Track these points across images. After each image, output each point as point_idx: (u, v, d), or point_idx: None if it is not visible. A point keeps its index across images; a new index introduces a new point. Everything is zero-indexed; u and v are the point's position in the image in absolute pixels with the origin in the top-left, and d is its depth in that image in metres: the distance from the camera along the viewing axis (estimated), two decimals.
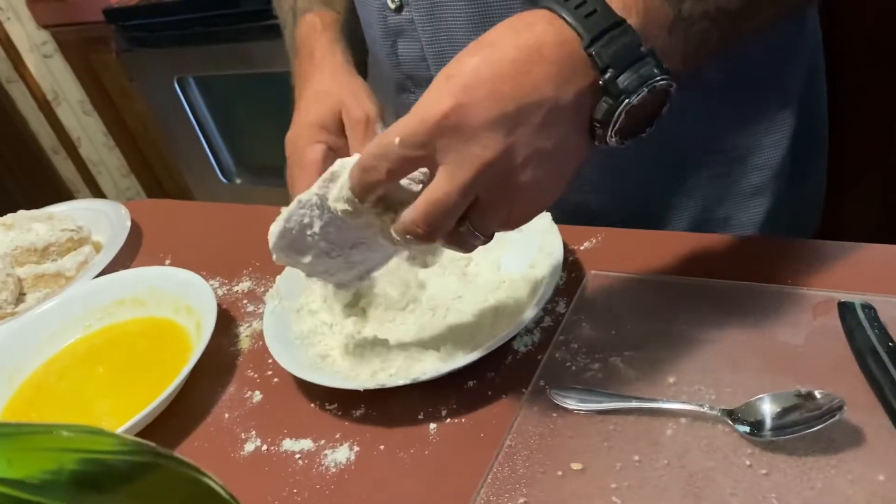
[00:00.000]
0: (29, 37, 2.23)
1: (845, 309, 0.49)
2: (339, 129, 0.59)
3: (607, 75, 0.41)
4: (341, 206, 0.46)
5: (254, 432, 0.57)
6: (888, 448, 0.42)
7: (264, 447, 0.55)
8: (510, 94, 0.41)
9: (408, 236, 0.44)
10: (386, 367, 0.56)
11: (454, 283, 0.62)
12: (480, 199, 0.43)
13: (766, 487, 0.42)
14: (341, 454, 0.53)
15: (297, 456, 0.54)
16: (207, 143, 2.03)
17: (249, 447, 0.56)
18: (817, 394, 0.43)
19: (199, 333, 0.65)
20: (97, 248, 0.87)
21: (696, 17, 0.44)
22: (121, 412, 0.60)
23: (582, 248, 0.64)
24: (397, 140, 0.42)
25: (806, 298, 0.52)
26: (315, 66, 0.63)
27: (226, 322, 0.69)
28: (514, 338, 0.56)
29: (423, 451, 0.51)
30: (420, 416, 0.54)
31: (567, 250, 0.60)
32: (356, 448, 0.53)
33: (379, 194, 0.45)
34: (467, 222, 0.45)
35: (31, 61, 2.26)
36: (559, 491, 0.45)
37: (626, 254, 0.62)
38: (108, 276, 0.75)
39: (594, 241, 0.64)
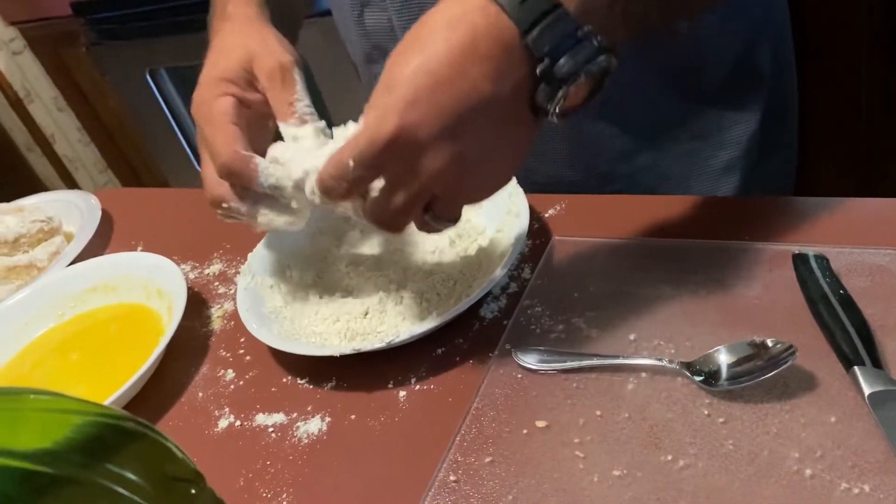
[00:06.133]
0: None
1: (799, 260, 0.50)
2: (248, 81, 0.55)
3: (544, 64, 0.41)
4: (318, 200, 0.49)
5: (227, 409, 0.57)
6: (839, 391, 0.43)
7: (238, 423, 0.56)
8: (451, 104, 0.41)
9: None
10: (358, 334, 0.56)
11: (423, 250, 0.63)
12: (439, 195, 0.46)
13: (724, 434, 0.43)
14: (313, 425, 0.54)
15: (270, 429, 0.54)
16: (183, 134, 2.02)
17: (223, 423, 0.56)
18: (769, 342, 0.45)
19: (170, 316, 0.65)
20: (69, 238, 0.87)
21: None
22: (96, 397, 0.60)
23: (547, 214, 0.65)
24: (351, 163, 0.44)
25: (762, 253, 0.54)
26: (224, 21, 0.60)
27: (198, 304, 0.69)
28: (480, 305, 0.57)
29: (394, 417, 0.52)
30: (390, 385, 0.54)
31: (532, 217, 0.61)
32: (328, 419, 0.54)
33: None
34: (431, 212, 0.47)
35: (0, 59, 2.23)
36: (525, 448, 0.46)
37: (589, 219, 0.63)
38: (78, 265, 0.75)
39: (558, 207, 0.65)
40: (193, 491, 0.27)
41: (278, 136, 0.54)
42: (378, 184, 0.46)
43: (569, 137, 0.70)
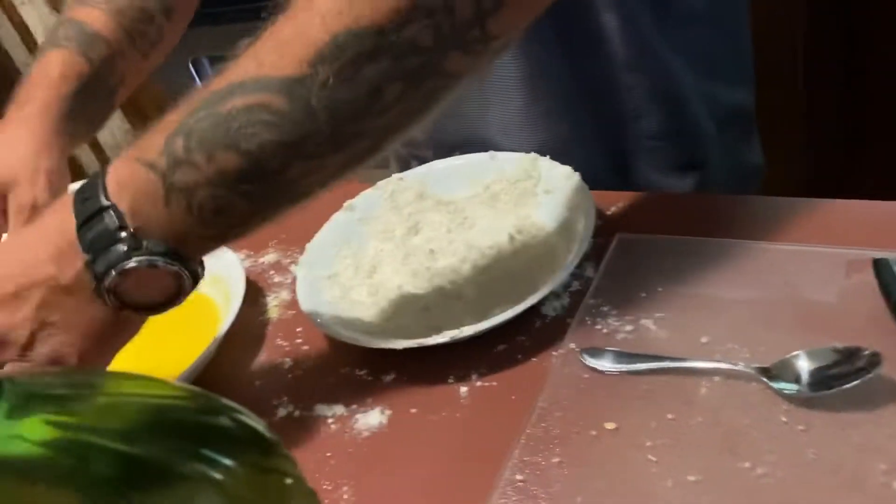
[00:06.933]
0: (43, 21, 2.23)
1: (880, 265, 0.49)
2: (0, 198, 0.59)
3: (86, 259, 0.44)
4: None
5: (286, 398, 0.57)
6: None
7: (297, 412, 0.56)
8: (9, 276, 0.45)
9: None
10: (420, 328, 0.56)
11: (481, 245, 0.62)
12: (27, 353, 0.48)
13: (804, 442, 0.42)
14: (373, 418, 0.53)
15: (330, 420, 0.54)
16: None
17: (282, 412, 0.56)
18: (854, 349, 0.43)
19: (227, 304, 0.65)
20: None
21: (193, 185, 0.42)
22: None
23: (609, 212, 0.64)
24: None
25: (838, 257, 0.52)
26: (18, 118, 0.61)
27: (253, 293, 0.69)
28: (542, 302, 0.56)
29: (455, 413, 0.51)
30: (450, 380, 0.54)
31: (595, 214, 0.60)
32: (388, 412, 0.53)
33: None
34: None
35: None
36: (594, 450, 0.45)
37: (653, 216, 0.61)
38: None
39: (621, 204, 0.64)
40: (289, 481, 0.27)
41: None
42: None
43: (544, 134, 0.71)
